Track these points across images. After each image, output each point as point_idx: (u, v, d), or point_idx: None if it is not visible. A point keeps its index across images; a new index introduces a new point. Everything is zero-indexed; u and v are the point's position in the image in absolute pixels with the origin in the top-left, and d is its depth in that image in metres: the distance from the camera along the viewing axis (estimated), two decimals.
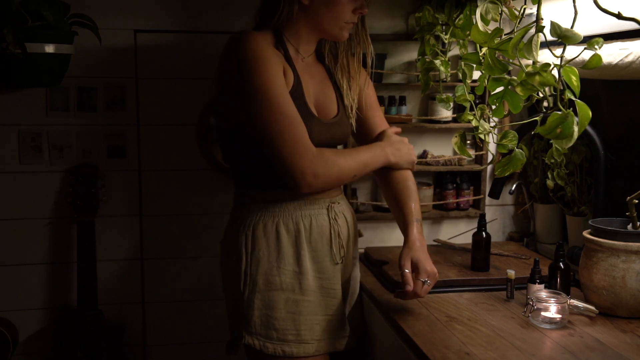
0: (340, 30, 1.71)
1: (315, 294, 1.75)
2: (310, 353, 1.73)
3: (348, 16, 1.69)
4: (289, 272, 1.72)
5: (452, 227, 2.46)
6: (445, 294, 1.90)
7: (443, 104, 2.02)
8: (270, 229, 1.72)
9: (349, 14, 1.69)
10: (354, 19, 1.71)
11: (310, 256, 1.74)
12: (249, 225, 1.73)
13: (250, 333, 1.70)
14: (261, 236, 1.71)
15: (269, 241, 1.71)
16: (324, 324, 1.76)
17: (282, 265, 1.71)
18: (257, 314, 1.70)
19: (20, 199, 2.25)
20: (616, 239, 1.65)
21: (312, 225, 1.75)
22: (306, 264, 1.73)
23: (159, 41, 2.27)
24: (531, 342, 1.54)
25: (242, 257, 1.71)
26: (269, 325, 1.70)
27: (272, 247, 1.71)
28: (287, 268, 1.72)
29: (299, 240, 1.73)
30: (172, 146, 2.33)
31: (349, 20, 1.70)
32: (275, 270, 1.71)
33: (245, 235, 1.72)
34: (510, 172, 1.62)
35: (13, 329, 2.25)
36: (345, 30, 1.72)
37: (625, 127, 1.95)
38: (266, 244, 1.71)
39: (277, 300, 1.70)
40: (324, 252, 1.77)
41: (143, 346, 2.39)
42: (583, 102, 1.32)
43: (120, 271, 2.34)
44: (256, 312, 1.70)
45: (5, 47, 1.90)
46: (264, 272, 1.70)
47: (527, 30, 1.39)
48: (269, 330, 1.70)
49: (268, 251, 1.71)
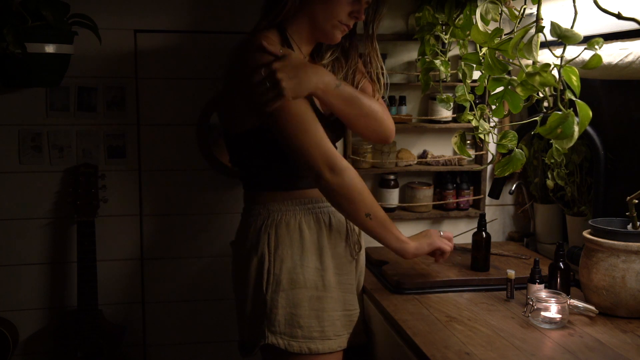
0: (332, 28, 1.71)
1: (336, 289, 1.77)
2: (334, 349, 1.75)
3: (343, 17, 1.69)
4: (312, 269, 1.73)
5: (452, 227, 2.46)
6: (445, 294, 1.90)
7: (443, 104, 2.02)
8: (293, 227, 1.73)
9: (344, 15, 1.69)
10: (349, 22, 1.71)
11: (330, 252, 1.77)
12: (271, 225, 1.73)
13: (274, 332, 1.70)
14: (284, 234, 1.72)
15: (293, 239, 1.72)
16: (343, 320, 1.78)
17: (306, 262, 1.72)
18: (282, 312, 1.70)
19: (20, 199, 2.25)
20: (616, 239, 1.65)
21: (331, 222, 1.78)
22: (327, 260, 1.76)
23: (159, 41, 2.27)
24: (531, 342, 1.54)
25: (265, 256, 1.71)
26: (293, 324, 1.70)
27: (295, 245, 1.72)
28: (310, 265, 1.73)
29: (321, 237, 1.76)
30: (172, 146, 2.32)
31: (343, 21, 1.70)
32: (299, 268, 1.71)
33: (267, 235, 1.72)
34: (510, 172, 1.62)
35: (13, 329, 2.25)
36: (337, 30, 1.72)
37: (625, 127, 1.95)
38: (290, 242, 1.72)
39: (301, 298, 1.71)
40: (342, 248, 1.80)
41: (143, 346, 2.39)
42: (583, 102, 1.32)
43: (120, 271, 2.34)
44: (280, 311, 1.70)
45: (5, 47, 1.90)
46: (288, 270, 1.71)
47: (527, 30, 1.38)
48: (294, 329, 1.70)
49: (291, 249, 1.72)
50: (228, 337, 2.36)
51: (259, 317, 1.72)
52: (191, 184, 2.35)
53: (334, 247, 1.78)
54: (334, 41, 1.75)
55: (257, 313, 1.72)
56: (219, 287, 2.37)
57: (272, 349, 1.72)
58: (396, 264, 2.10)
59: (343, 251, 1.81)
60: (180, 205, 2.35)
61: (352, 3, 1.68)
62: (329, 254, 1.76)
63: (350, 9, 1.69)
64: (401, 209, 2.41)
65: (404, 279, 1.95)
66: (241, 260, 1.77)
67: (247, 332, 1.77)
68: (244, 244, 1.77)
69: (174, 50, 2.28)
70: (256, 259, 1.72)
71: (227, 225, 2.32)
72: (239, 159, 1.81)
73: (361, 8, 1.70)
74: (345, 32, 1.74)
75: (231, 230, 1.94)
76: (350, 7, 1.69)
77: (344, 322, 1.78)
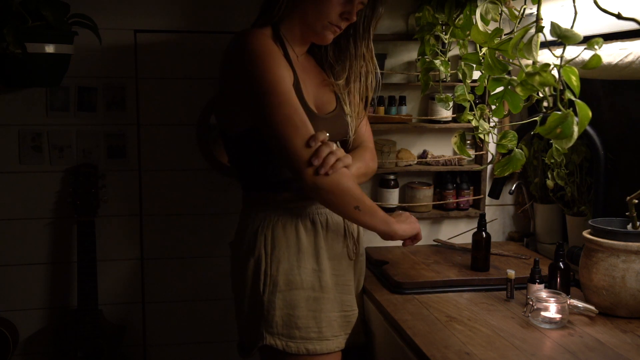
0: (323, 29, 1.70)
1: (333, 290, 1.77)
2: (332, 349, 1.75)
3: (334, 17, 1.68)
4: (308, 270, 1.73)
5: (452, 227, 2.46)
6: (445, 294, 1.90)
7: (443, 103, 2.02)
8: (289, 228, 1.73)
9: (335, 16, 1.68)
10: (340, 22, 1.70)
11: (327, 253, 1.76)
12: (267, 226, 1.73)
13: (272, 334, 1.70)
14: (281, 236, 1.72)
15: (289, 241, 1.72)
16: (340, 320, 1.78)
17: (302, 264, 1.72)
18: (279, 314, 1.70)
19: (20, 199, 2.25)
20: (616, 239, 1.65)
21: (328, 223, 1.77)
22: (324, 261, 1.75)
23: (159, 41, 2.27)
24: (531, 342, 1.54)
25: (261, 258, 1.71)
26: (291, 325, 1.70)
27: (292, 247, 1.72)
28: (307, 266, 1.73)
29: (317, 238, 1.75)
30: (172, 146, 2.32)
31: (333, 22, 1.69)
32: (295, 270, 1.71)
33: (264, 236, 1.72)
34: (510, 172, 1.62)
35: (13, 329, 2.25)
36: (328, 31, 1.71)
37: (625, 127, 1.95)
38: (286, 243, 1.72)
39: (298, 299, 1.71)
40: (339, 249, 1.80)
41: (143, 346, 2.39)
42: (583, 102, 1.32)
43: (120, 271, 2.35)
44: (277, 312, 1.70)
45: (5, 47, 1.90)
46: (285, 271, 1.70)
47: (527, 30, 1.38)
48: (292, 330, 1.70)
49: (288, 251, 1.72)
50: (228, 337, 2.36)
51: (256, 318, 1.72)
52: (191, 184, 2.35)
53: (331, 248, 1.78)
54: (325, 42, 1.75)
55: (255, 314, 1.72)
56: (219, 287, 2.37)
57: (270, 350, 1.72)
58: (396, 264, 2.10)
59: (340, 252, 1.80)
60: (180, 205, 2.35)
61: (343, 4, 1.67)
62: (325, 255, 1.76)
63: (342, 10, 1.68)
64: (401, 209, 2.41)
65: (404, 279, 1.95)
66: (239, 261, 1.78)
67: (246, 333, 1.78)
68: (242, 245, 1.77)
69: (174, 50, 2.28)
70: (253, 261, 1.72)
71: (227, 225, 2.32)
72: (235, 160, 1.81)
73: (353, 9, 1.69)
74: (336, 33, 1.73)
75: (231, 230, 1.94)
76: (341, 7, 1.68)
77: (341, 323, 1.78)
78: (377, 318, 1.87)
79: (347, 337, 1.80)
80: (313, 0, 1.67)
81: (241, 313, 1.78)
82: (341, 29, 1.73)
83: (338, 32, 1.73)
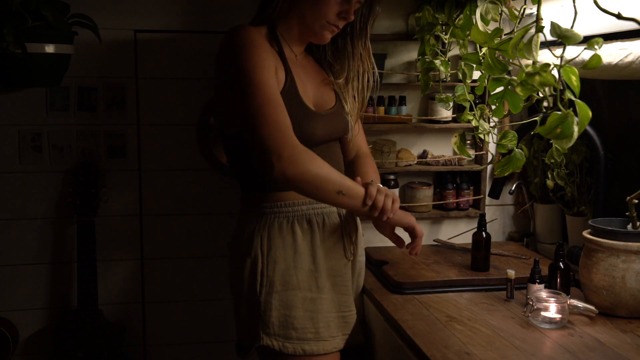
0: (321, 29, 1.70)
1: (330, 291, 1.76)
2: (329, 350, 1.74)
3: (331, 17, 1.68)
4: (305, 271, 1.72)
5: (452, 227, 2.46)
6: (445, 294, 1.90)
7: (443, 103, 2.02)
8: (285, 228, 1.72)
9: (332, 15, 1.68)
10: (338, 22, 1.70)
11: (324, 254, 1.76)
12: (263, 227, 1.72)
13: (269, 334, 1.69)
14: (277, 236, 1.71)
15: (285, 241, 1.71)
16: (337, 321, 1.77)
17: (299, 264, 1.71)
18: (275, 314, 1.69)
19: (20, 199, 2.25)
20: (616, 239, 1.65)
21: (324, 223, 1.76)
22: (321, 261, 1.74)
23: (159, 41, 2.27)
24: (531, 342, 1.54)
25: (257, 258, 1.71)
26: (287, 325, 1.70)
27: (288, 247, 1.71)
28: (303, 267, 1.72)
29: (314, 239, 1.74)
30: (172, 146, 2.33)
31: (331, 21, 1.69)
32: (292, 270, 1.71)
33: (260, 237, 1.72)
34: (510, 172, 1.62)
35: (13, 329, 2.26)
36: (326, 30, 1.71)
37: (625, 127, 1.95)
38: (282, 244, 1.71)
39: (294, 299, 1.70)
40: (337, 250, 1.79)
41: (143, 346, 2.39)
42: (583, 102, 1.32)
43: (120, 271, 2.35)
44: (274, 312, 1.69)
45: (5, 47, 1.90)
46: (281, 272, 1.70)
47: (527, 30, 1.38)
48: (288, 330, 1.70)
49: (284, 251, 1.71)
50: (228, 337, 2.36)
51: (253, 319, 1.72)
52: (191, 184, 2.35)
53: (328, 249, 1.76)
54: (323, 41, 1.75)
55: (252, 314, 1.72)
56: (219, 287, 2.38)
57: (267, 350, 1.72)
58: (396, 264, 2.10)
59: (338, 253, 1.79)
60: (180, 205, 2.36)
61: (341, 3, 1.67)
62: (322, 256, 1.75)
63: (339, 9, 1.68)
64: (401, 209, 2.41)
65: (404, 279, 1.95)
66: (236, 262, 1.78)
67: (243, 333, 1.78)
68: (239, 246, 1.77)
69: (174, 50, 2.29)
70: (249, 261, 1.72)
71: (227, 225, 2.32)
72: (232, 159, 1.81)
73: (350, 9, 1.69)
74: (334, 33, 1.73)
75: (231, 230, 1.94)
76: (339, 7, 1.68)
77: (338, 324, 1.77)
78: (377, 318, 1.87)
79: (346, 338, 1.80)
80: (310, 1, 1.67)
81: (239, 313, 1.78)
82: (339, 28, 1.73)
83: (336, 32, 1.73)
